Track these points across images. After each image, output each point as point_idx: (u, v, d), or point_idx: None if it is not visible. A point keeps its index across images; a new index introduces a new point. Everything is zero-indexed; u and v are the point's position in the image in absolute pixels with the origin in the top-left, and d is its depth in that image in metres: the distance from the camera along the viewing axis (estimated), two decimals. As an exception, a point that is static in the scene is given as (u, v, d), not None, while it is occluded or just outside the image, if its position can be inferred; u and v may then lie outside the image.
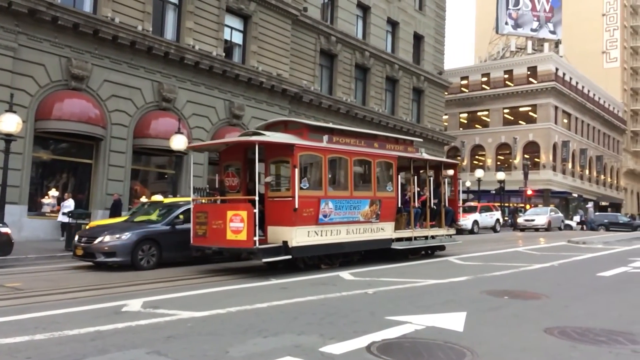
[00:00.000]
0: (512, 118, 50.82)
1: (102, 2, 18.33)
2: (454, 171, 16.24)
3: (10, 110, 13.22)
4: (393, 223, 12.67)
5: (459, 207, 16.99)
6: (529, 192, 40.51)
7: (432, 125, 37.13)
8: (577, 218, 42.84)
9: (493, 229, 30.40)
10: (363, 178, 12.64)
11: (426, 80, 36.35)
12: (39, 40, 16.68)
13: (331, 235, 11.01)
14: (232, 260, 12.58)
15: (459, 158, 48.94)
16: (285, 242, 10.16)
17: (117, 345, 4.95)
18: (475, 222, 28.26)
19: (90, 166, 18.40)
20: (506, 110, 50.88)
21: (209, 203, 11.81)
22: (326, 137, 11.24)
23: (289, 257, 10.28)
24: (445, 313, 6.44)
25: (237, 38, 23.41)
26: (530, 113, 49.80)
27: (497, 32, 58.18)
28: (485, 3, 70.99)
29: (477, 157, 51.94)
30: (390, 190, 12.62)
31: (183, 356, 4.64)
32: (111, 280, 9.59)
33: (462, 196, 28.52)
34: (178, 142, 16.92)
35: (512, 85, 50.67)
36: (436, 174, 15.19)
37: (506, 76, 51.49)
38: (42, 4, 16.13)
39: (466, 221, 26.59)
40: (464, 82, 53.20)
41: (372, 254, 12.42)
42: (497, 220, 31.29)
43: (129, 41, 18.49)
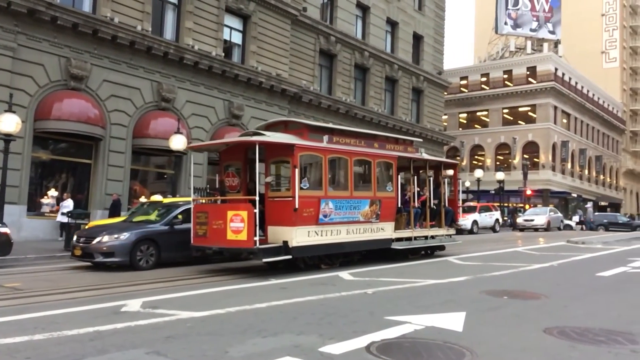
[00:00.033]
0: (512, 118, 50.84)
1: (102, 2, 18.32)
2: (454, 171, 16.26)
3: (9, 110, 13.22)
4: (393, 223, 12.68)
5: (459, 207, 17.00)
6: (528, 192, 40.54)
7: (432, 125, 37.15)
8: (576, 218, 42.89)
9: (492, 229, 30.42)
10: (363, 178, 12.66)
11: (425, 80, 36.35)
12: (38, 40, 16.67)
13: (331, 235, 11.02)
14: (232, 260, 12.57)
15: (459, 158, 48.95)
16: (285, 242, 10.18)
17: (117, 345, 4.95)
18: (474, 222, 28.28)
19: (89, 166, 18.39)
20: (505, 110, 50.90)
21: (210, 203, 11.81)
22: (326, 137, 11.25)
23: (289, 257, 10.29)
24: (444, 313, 6.44)
25: (237, 38, 23.40)
26: (529, 113, 49.83)
27: (497, 32, 58.19)
28: (484, 3, 71.01)
29: (477, 157, 51.95)
30: (390, 190, 12.63)
31: (182, 356, 4.64)
32: (110, 280, 9.58)
33: (462, 196, 28.51)
34: (177, 142, 16.93)
35: (512, 85, 50.68)
36: (436, 174, 15.21)
37: (505, 76, 51.50)
38: (41, 4, 16.12)
39: (465, 221, 26.63)
40: (464, 82, 53.21)
41: (372, 254, 12.42)
42: (497, 220, 31.32)
43: (128, 41, 18.49)
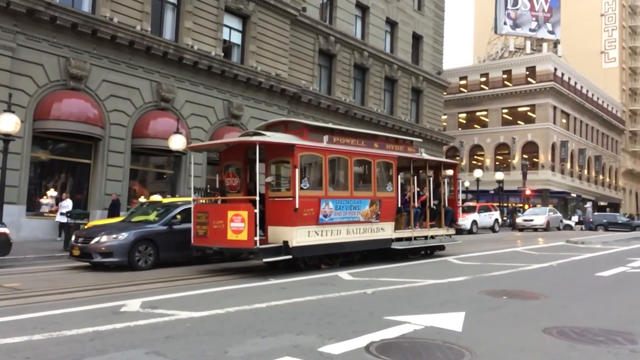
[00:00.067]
0: (511, 118, 50.85)
1: (101, 2, 18.31)
2: (454, 171, 16.27)
3: (8, 110, 13.22)
4: (393, 223, 12.69)
5: (459, 207, 17.01)
6: (528, 192, 40.56)
7: (431, 125, 37.15)
8: (575, 218, 42.94)
9: (492, 229, 30.43)
10: (363, 178, 12.67)
11: (425, 80, 36.36)
12: (38, 40, 16.66)
13: (331, 235, 11.02)
14: (231, 260, 12.57)
15: (458, 158, 48.96)
16: (285, 242, 10.18)
17: (116, 345, 4.95)
18: (474, 222, 28.28)
19: (88, 166, 18.38)
20: (505, 110, 50.91)
21: (210, 203, 11.80)
22: (326, 138, 11.26)
23: (290, 257, 10.29)
24: (444, 313, 6.44)
25: (236, 38, 23.39)
26: (528, 113, 49.84)
27: (496, 32, 58.20)
28: (484, 3, 71.01)
29: (476, 157, 51.96)
30: (390, 190, 12.64)
31: (182, 356, 4.63)
32: (110, 280, 9.58)
33: (461, 196, 28.52)
34: (177, 142, 16.92)
35: (511, 85, 50.69)
36: (436, 174, 15.22)
37: (505, 76, 51.51)
38: (41, 4, 16.11)
39: (465, 221, 26.63)
40: (463, 82, 53.21)
41: (372, 254, 12.43)
42: (496, 220, 31.35)
43: (128, 41, 18.48)
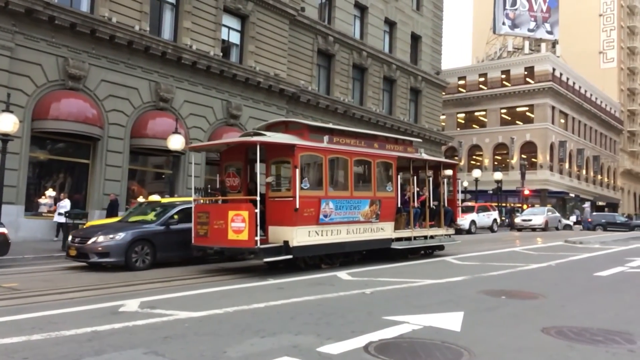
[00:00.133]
0: (510, 118, 50.90)
1: (100, 2, 18.28)
2: (453, 171, 16.30)
3: (7, 110, 13.19)
4: (393, 223, 12.71)
5: (458, 207, 17.03)
6: (526, 192, 40.59)
7: (430, 125, 37.17)
8: (573, 218, 43.00)
9: (490, 229, 30.44)
10: (363, 178, 12.68)
11: (424, 80, 36.38)
12: (36, 39, 16.63)
13: (332, 235, 11.04)
14: (229, 260, 12.57)
15: (457, 158, 49.02)
16: (286, 242, 10.20)
17: (114, 345, 4.94)
18: (472, 222, 28.29)
19: (87, 166, 18.36)
20: (503, 110, 50.96)
21: (211, 203, 11.79)
22: (326, 138, 11.27)
23: (290, 257, 10.30)
24: (442, 313, 6.45)
25: (235, 38, 23.38)
26: (527, 113, 49.90)
27: (495, 32, 58.24)
28: (482, 3, 71.04)
29: (475, 157, 52.00)
30: (390, 190, 12.66)
31: (180, 356, 4.63)
32: (108, 280, 9.57)
33: (460, 196, 28.53)
34: (175, 142, 16.90)
35: (510, 85, 50.73)
36: (435, 174, 15.23)
37: (503, 76, 51.57)
38: (39, 4, 16.09)
39: (464, 221, 26.62)
40: (462, 82, 53.25)
41: (372, 254, 12.45)
42: (495, 220, 31.36)
43: (126, 41, 18.46)
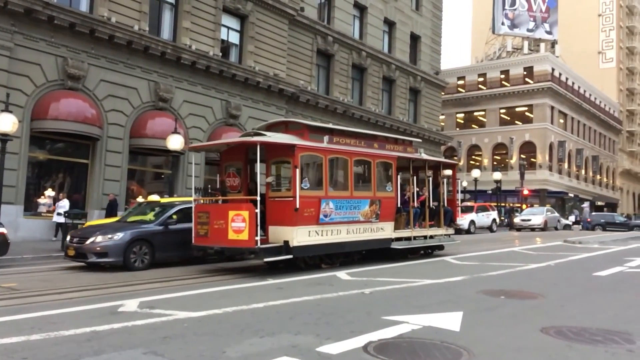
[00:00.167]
0: (509, 118, 50.92)
1: (99, 2, 18.27)
2: (453, 171, 16.31)
3: (6, 110, 13.17)
4: (392, 223, 12.72)
5: (457, 207, 17.04)
6: (525, 192, 40.61)
7: (429, 125, 37.18)
8: (572, 218, 43.03)
9: (489, 229, 30.45)
10: (363, 178, 12.69)
11: (423, 80, 36.39)
12: (35, 39, 16.62)
13: (332, 235, 11.05)
14: (228, 260, 12.56)
15: (456, 158, 49.01)
16: (286, 242, 10.21)
17: (114, 345, 4.94)
18: (472, 222, 28.32)
19: (86, 166, 18.35)
20: (502, 110, 50.98)
21: (211, 203, 11.79)
22: (327, 138, 11.27)
23: (290, 257, 10.31)
24: (441, 313, 6.45)
25: (234, 38, 23.38)
26: (526, 113, 49.91)
27: (494, 33, 58.25)
28: (481, 3, 71.05)
29: (474, 157, 52.01)
30: (389, 190, 12.67)
31: (180, 356, 4.63)
32: (107, 280, 9.57)
33: (459, 196, 28.54)
34: (175, 142, 16.89)
35: (509, 85, 50.74)
36: (435, 174, 15.24)
37: (502, 76, 51.57)
38: (38, 4, 16.07)
39: (463, 221, 26.62)
40: (461, 82, 53.25)
41: (372, 254, 12.46)
42: (494, 220, 31.36)
43: (126, 41, 18.45)
